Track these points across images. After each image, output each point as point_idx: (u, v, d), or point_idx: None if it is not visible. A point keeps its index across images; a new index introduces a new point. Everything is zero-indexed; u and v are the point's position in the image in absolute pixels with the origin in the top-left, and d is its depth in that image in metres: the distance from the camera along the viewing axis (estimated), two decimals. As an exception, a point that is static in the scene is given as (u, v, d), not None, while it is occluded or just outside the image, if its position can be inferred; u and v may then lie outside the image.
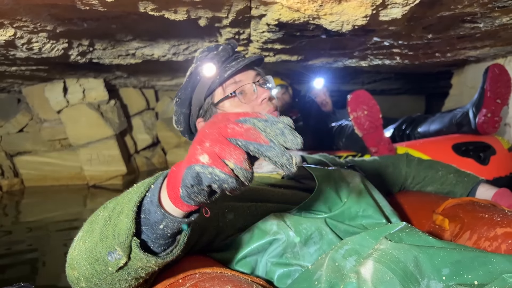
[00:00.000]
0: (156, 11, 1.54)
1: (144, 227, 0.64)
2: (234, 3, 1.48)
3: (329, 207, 0.97)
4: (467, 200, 1.19)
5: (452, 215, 1.15)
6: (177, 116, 1.17)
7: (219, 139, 0.54)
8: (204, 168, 0.52)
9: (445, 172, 1.39)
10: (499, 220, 1.02)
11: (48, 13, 1.70)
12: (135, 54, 2.70)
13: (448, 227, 1.13)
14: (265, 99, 1.11)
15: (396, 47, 2.60)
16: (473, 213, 1.11)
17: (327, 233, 0.89)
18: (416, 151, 2.60)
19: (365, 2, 1.31)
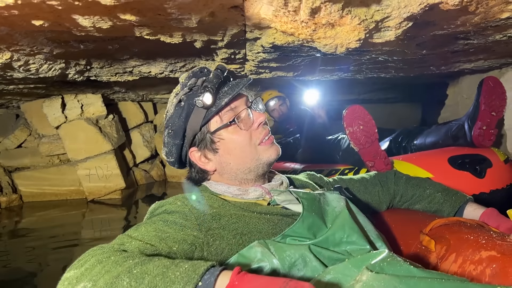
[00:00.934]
0: (152, 35, 1.56)
1: None
2: (229, 27, 1.49)
3: (314, 233, 0.97)
4: (454, 220, 1.19)
5: (439, 236, 1.15)
6: (168, 148, 1.15)
7: None
8: None
9: (432, 190, 1.39)
10: (484, 242, 1.02)
11: (45, 37, 1.72)
12: (133, 71, 2.72)
13: (434, 249, 1.13)
14: (261, 123, 1.12)
15: (391, 62, 2.62)
16: (459, 234, 1.11)
17: (311, 260, 0.89)
18: (412, 165, 2.60)
19: (358, 26, 1.33)
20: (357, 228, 0.98)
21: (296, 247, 0.91)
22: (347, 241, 0.96)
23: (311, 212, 0.99)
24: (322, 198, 1.07)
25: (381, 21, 1.34)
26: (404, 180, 1.45)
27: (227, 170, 1.13)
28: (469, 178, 2.50)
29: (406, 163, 2.64)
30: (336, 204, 1.05)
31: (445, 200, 1.35)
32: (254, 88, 1.22)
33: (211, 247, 0.93)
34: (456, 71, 3.33)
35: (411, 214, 1.40)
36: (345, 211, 1.02)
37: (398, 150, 3.16)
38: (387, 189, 1.44)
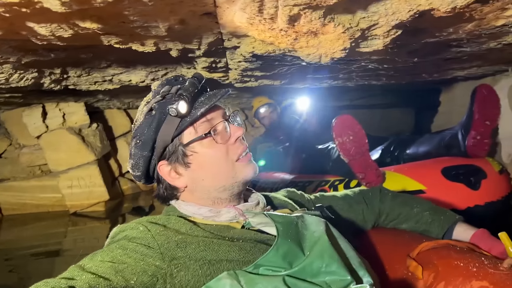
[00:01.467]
0: (122, 44, 1.44)
1: None
2: (204, 35, 1.38)
3: (290, 262, 0.86)
4: (443, 244, 1.11)
5: (427, 262, 1.07)
6: (135, 160, 1.02)
7: None
8: None
9: (420, 209, 1.30)
10: (475, 270, 0.94)
11: (8, 45, 1.59)
12: (112, 80, 2.60)
13: (422, 276, 1.05)
14: (239, 137, 1.03)
15: (382, 70, 2.52)
16: (448, 260, 1.03)
17: None
18: (405, 176, 2.51)
19: (343, 35, 1.22)
20: (337, 256, 0.87)
21: (269, 278, 0.81)
22: (326, 271, 0.85)
23: (287, 238, 0.89)
24: (300, 222, 0.96)
25: (368, 29, 1.23)
26: (390, 198, 1.36)
27: (199, 187, 1.02)
28: (463, 190, 2.42)
29: (398, 174, 2.56)
30: (315, 228, 0.94)
31: (433, 219, 1.27)
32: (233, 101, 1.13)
33: (174, 279, 0.84)
34: (449, 78, 3.24)
35: (398, 235, 1.31)
36: (324, 237, 0.90)
37: (390, 160, 3.07)
38: (372, 207, 1.34)
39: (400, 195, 1.38)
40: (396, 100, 5.88)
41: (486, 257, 1.02)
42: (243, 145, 1.05)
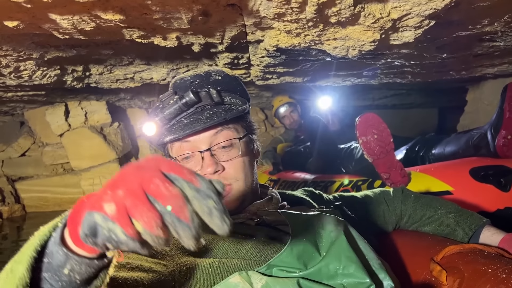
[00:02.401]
0: (143, 38, 1.42)
1: (47, 273, 0.52)
2: (227, 28, 1.34)
3: (305, 263, 0.82)
4: (470, 248, 1.04)
5: (451, 266, 1.00)
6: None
7: (136, 191, 0.44)
8: (105, 220, 0.44)
9: (444, 211, 1.24)
10: (504, 277, 0.87)
11: (31, 41, 1.59)
12: (134, 78, 2.60)
13: (446, 281, 0.98)
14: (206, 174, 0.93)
15: (408, 67, 2.45)
16: (474, 265, 0.96)
17: None
18: (431, 177, 2.43)
19: (372, 26, 1.17)
20: (355, 258, 0.83)
21: (283, 281, 0.77)
22: (343, 273, 0.81)
23: (302, 237, 0.85)
24: (316, 221, 0.91)
25: (399, 20, 1.17)
26: (412, 199, 1.30)
27: None
28: (493, 192, 2.32)
29: (424, 174, 2.47)
30: (333, 228, 0.89)
31: (458, 222, 1.20)
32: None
33: (183, 277, 0.80)
34: (477, 76, 3.13)
35: (421, 238, 1.25)
36: (342, 237, 0.86)
37: (415, 160, 2.98)
38: (393, 208, 1.29)
39: (423, 196, 1.32)
40: (419, 100, 5.77)
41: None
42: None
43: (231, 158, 0.95)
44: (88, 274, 0.52)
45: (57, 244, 0.51)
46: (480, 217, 1.21)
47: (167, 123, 0.95)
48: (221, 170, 0.95)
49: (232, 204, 0.97)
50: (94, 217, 0.44)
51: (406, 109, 6.45)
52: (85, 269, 0.52)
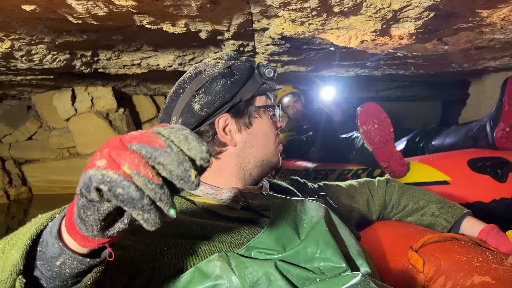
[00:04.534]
0: (153, 24, 1.47)
1: (39, 262, 0.55)
2: (234, 16, 1.39)
3: (284, 246, 0.85)
4: (448, 237, 1.09)
5: (428, 255, 1.05)
6: (213, 98, 0.97)
7: (118, 145, 0.48)
8: (98, 171, 0.45)
9: (427, 202, 1.28)
10: (478, 265, 0.91)
11: (44, 25, 1.64)
12: (141, 64, 2.64)
13: (422, 269, 1.03)
14: (280, 127, 1.11)
15: (410, 58, 2.49)
16: (451, 253, 1.01)
17: (276, 279, 0.78)
18: (429, 166, 2.48)
19: (374, 16, 1.21)
20: (333, 243, 0.86)
21: (261, 262, 0.80)
22: (320, 257, 0.84)
23: (282, 220, 0.88)
24: (299, 206, 0.95)
25: (400, 11, 1.22)
26: (396, 189, 1.34)
27: (246, 153, 1.03)
28: (490, 182, 2.37)
29: (422, 164, 2.52)
30: (314, 214, 0.93)
31: (440, 213, 1.25)
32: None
33: (164, 257, 0.82)
34: (480, 69, 3.16)
35: (402, 227, 1.29)
36: (322, 222, 0.89)
37: (415, 151, 3.03)
38: (377, 198, 1.33)
39: (407, 187, 1.37)
40: (422, 93, 5.79)
41: (491, 252, 0.99)
42: (279, 138, 1.11)
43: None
44: (78, 270, 0.55)
45: (53, 237, 0.54)
46: (462, 208, 1.25)
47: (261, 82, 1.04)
48: None
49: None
50: (89, 172, 0.46)
51: (410, 101, 6.47)
52: (76, 265, 0.54)
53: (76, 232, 0.52)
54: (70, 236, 0.53)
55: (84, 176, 0.46)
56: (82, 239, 0.52)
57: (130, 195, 0.45)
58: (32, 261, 0.55)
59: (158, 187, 0.46)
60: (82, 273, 0.56)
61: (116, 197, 0.45)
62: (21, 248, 0.54)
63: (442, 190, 2.29)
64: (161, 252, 0.82)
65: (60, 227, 0.55)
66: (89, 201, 0.46)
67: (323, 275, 0.82)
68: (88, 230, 0.50)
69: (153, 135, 0.48)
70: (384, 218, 1.40)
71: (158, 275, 0.81)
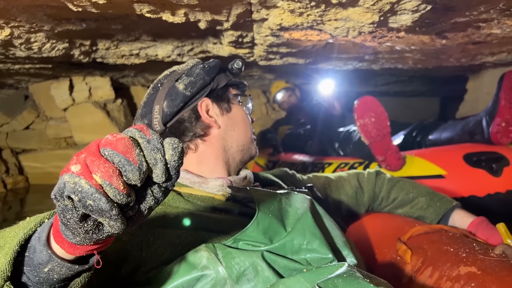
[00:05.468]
0: (153, 13, 1.47)
1: (27, 268, 0.55)
2: (234, 6, 1.40)
3: (270, 238, 0.86)
4: (436, 228, 1.10)
5: (416, 246, 1.06)
6: (195, 78, 1.02)
7: (94, 150, 0.48)
8: (71, 177, 0.46)
9: (416, 194, 1.29)
10: (464, 256, 0.93)
11: (44, 13, 1.64)
12: (139, 54, 2.64)
13: (410, 260, 1.04)
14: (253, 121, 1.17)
15: (408, 52, 2.50)
16: (438, 245, 1.02)
17: (263, 269, 0.79)
18: (425, 160, 2.50)
19: (372, 8, 1.22)
20: (319, 234, 0.86)
21: (248, 253, 0.81)
22: (307, 248, 0.85)
23: (268, 213, 0.88)
24: (284, 198, 0.95)
25: (397, 3, 1.23)
26: (386, 182, 1.35)
27: (228, 136, 1.08)
28: (484, 177, 2.39)
29: (418, 158, 2.55)
30: (300, 206, 0.94)
31: (429, 205, 1.26)
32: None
33: (151, 247, 0.82)
34: (478, 64, 3.18)
35: (391, 219, 1.31)
36: (307, 214, 0.90)
37: (412, 145, 3.06)
38: (367, 191, 1.34)
39: (397, 179, 1.37)
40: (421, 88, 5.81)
41: (478, 243, 1.01)
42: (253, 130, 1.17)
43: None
44: (66, 276, 0.55)
45: (42, 244, 0.54)
46: (451, 201, 1.26)
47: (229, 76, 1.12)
48: None
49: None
50: (64, 178, 0.47)
51: (408, 97, 6.49)
52: (64, 271, 0.55)
53: (64, 240, 0.52)
54: (57, 244, 0.53)
55: (60, 180, 0.47)
56: (70, 247, 0.53)
57: (100, 207, 0.46)
58: (19, 265, 0.56)
59: (127, 197, 0.48)
60: (69, 278, 0.57)
61: (85, 207, 0.46)
62: (9, 254, 0.54)
63: (437, 184, 2.31)
64: (148, 242, 0.82)
65: (49, 234, 0.55)
66: (64, 206, 0.47)
67: (310, 266, 0.82)
68: (75, 235, 0.50)
69: (128, 143, 0.49)
70: (373, 211, 1.40)
71: (144, 265, 0.81)
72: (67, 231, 0.50)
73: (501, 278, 0.80)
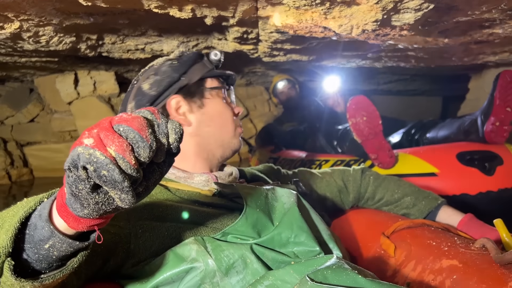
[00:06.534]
0: (160, 8, 1.50)
1: (27, 245, 0.56)
2: (240, 2, 1.43)
3: (259, 232, 0.87)
4: (419, 223, 1.12)
5: (400, 240, 1.08)
6: (161, 77, 1.04)
7: (107, 126, 0.50)
8: (86, 149, 0.47)
9: (401, 194, 1.29)
10: (446, 249, 0.95)
11: (53, 7, 1.67)
12: (145, 49, 2.67)
13: (394, 254, 1.06)
14: (238, 113, 1.15)
15: (411, 50, 2.52)
16: (421, 239, 1.04)
17: (252, 261, 0.80)
18: (418, 158, 2.52)
19: (375, 6, 1.25)
20: (306, 227, 0.88)
21: (237, 246, 0.82)
22: (294, 242, 0.86)
23: (255, 208, 0.90)
24: (270, 194, 0.97)
25: (400, 1, 1.26)
26: (371, 182, 1.35)
27: (203, 132, 1.07)
28: (477, 175, 2.39)
29: (411, 156, 2.56)
30: (286, 200, 0.95)
31: (414, 204, 1.26)
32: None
33: (139, 239, 0.83)
34: (480, 64, 3.20)
35: (375, 214, 1.33)
36: (294, 208, 0.91)
37: (410, 143, 3.07)
38: (352, 191, 1.35)
39: (382, 178, 1.36)
40: (423, 87, 5.83)
41: (459, 237, 1.03)
42: (239, 123, 1.15)
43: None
44: (65, 253, 0.56)
45: (43, 220, 0.55)
46: (436, 198, 1.26)
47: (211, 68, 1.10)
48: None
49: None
50: (77, 150, 0.47)
51: (410, 96, 6.50)
52: (65, 248, 0.55)
53: (69, 214, 0.53)
54: (61, 219, 0.54)
55: (72, 153, 0.48)
56: (74, 221, 0.53)
57: (114, 177, 0.47)
58: (18, 243, 0.56)
59: (136, 172, 0.49)
60: (67, 257, 0.58)
61: (99, 177, 0.47)
62: (10, 231, 0.55)
63: (429, 182, 2.32)
64: (136, 234, 0.83)
65: (51, 211, 0.56)
66: (77, 176, 0.48)
67: (298, 258, 0.84)
68: (84, 207, 0.51)
69: (143, 122, 0.51)
70: (358, 207, 1.41)
71: (132, 257, 0.82)
72: (75, 204, 0.51)
73: (482, 271, 0.83)
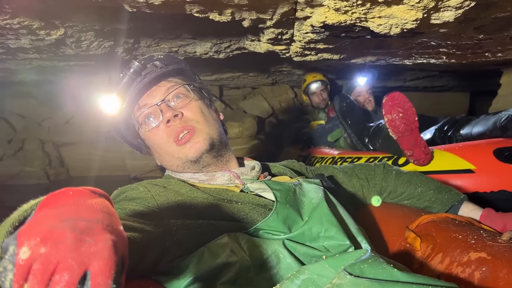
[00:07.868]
0: (202, 13, 1.55)
1: None
2: (280, 5, 1.47)
3: (289, 227, 0.89)
4: (443, 217, 1.12)
5: (425, 234, 1.08)
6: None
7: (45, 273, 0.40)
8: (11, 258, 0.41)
9: (424, 188, 1.28)
10: (473, 242, 0.95)
11: (97, 13, 1.75)
12: (178, 51, 2.74)
13: (420, 247, 1.06)
14: (169, 120, 1.06)
15: (444, 47, 2.51)
16: (446, 232, 1.04)
17: (285, 256, 0.82)
18: (454, 155, 2.49)
19: (416, 5, 1.27)
20: (336, 222, 0.90)
21: (269, 242, 0.85)
22: (325, 236, 0.88)
23: (285, 203, 0.92)
24: (298, 189, 0.99)
25: (442, 0, 1.27)
26: (394, 176, 1.34)
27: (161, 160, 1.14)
28: (515, 172, 2.37)
29: (447, 153, 2.53)
30: (314, 195, 0.97)
31: (437, 198, 1.26)
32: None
33: (173, 237, 0.85)
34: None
35: (397, 208, 1.32)
36: (323, 203, 0.93)
37: (443, 140, 3.04)
38: (373, 185, 1.35)
39: (405, 172, 1.36)
40: (451, 83, 5.73)
41: (485, 230, 1.02)
42: (179, 124, 1.06)
43: (186, 104, 1.09)
44: None
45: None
46: (458, 193, 1.26)
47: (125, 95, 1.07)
48: (180, 115, 1.07)
49: (202, 144, 1.05)
50: (8, 247, 0.42)
51: (437, 92, 6.40)
52: None
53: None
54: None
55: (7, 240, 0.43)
56: None
57: None
58: None
59: None
60: None
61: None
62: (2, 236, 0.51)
63: (466, 179, 2.30)
64: (170, 232, 0.85)
65: None
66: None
67: (328, 252, 0.86)
68: None
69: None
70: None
71: (168, 254, 0.84)
72: None
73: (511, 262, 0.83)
